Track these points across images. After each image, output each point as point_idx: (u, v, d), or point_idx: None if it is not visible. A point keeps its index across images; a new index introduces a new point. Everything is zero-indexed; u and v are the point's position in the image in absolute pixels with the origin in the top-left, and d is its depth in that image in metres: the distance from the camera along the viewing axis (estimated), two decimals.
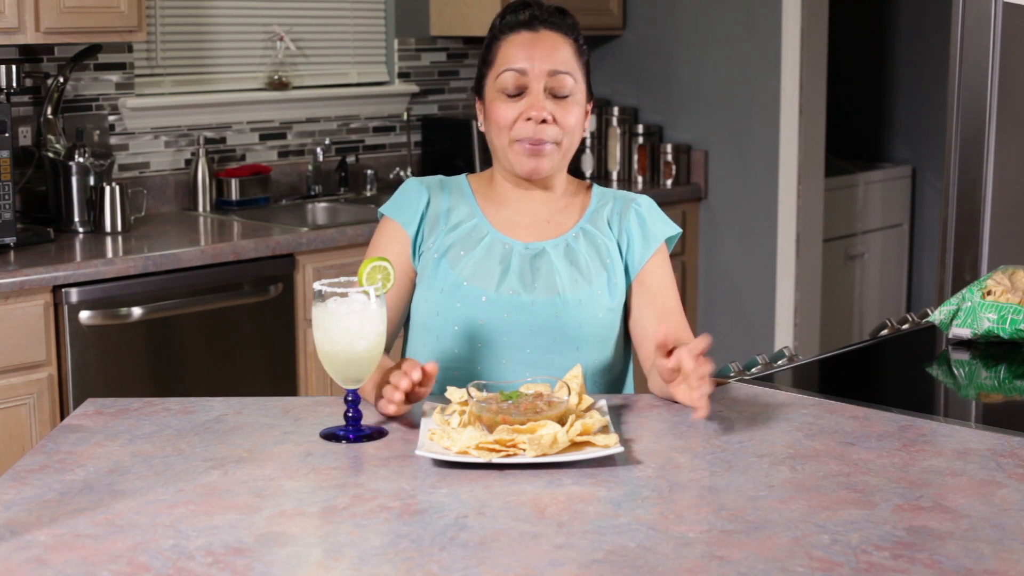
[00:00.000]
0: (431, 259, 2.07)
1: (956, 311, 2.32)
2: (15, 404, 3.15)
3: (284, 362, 3.64)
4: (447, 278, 2.04)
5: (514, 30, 2.05)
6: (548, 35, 2.04)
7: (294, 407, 1.89)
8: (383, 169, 4.59)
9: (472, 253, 2.06)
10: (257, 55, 4.31)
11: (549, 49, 2.03)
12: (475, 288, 2.03)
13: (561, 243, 2.08)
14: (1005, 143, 3.10)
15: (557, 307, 2.02)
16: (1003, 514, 1.46)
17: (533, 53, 2.02)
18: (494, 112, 2.04)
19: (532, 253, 2.07)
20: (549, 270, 2.05)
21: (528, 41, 2.03)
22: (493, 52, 2.07)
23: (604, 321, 2.05)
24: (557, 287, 2.03)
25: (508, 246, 2.07)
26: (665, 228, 2.12)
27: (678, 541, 1.38)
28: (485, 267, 2.05)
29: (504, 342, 2.02)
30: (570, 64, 2.04)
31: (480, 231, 2.08)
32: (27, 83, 3.67)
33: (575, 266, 2.06)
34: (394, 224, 2.10)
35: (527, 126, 2.02)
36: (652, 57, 4.89)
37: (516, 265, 2.05)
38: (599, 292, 2.05)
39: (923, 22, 5.57)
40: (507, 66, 2.03)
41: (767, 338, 4.68)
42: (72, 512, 1.48)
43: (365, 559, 1.35)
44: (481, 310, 2.02)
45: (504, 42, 2.06)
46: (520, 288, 2.03)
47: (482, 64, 2.09)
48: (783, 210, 4.61)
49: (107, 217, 3.64)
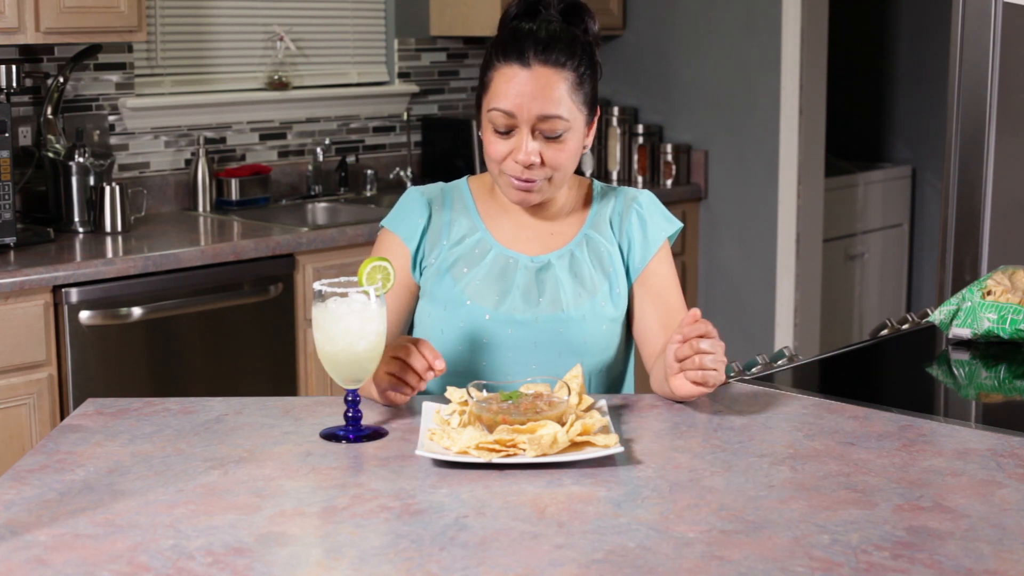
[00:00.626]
0: (434, 273, 2.05)
1: (956, 311, 2.32)
2: (15, 404, 3.15)
3: (284, 362, 3.64)
4: (450, 294, 2.03)
5: (508, 59, 1.95)
6: (541, 73, 1.93)
7: (294, 407, 1.89)
8: (383, 169, 4.59)
9: (476, 269, 2.04)
10: (257, 55, 4.31)
11: (540, 90, 1.93)
12: (477, 306, 2.01)
13: (566, 254, 2.06)
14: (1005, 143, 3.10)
15: (561, 322, 2.01)
16: (1003, 514, 1.46)
17: (523, 94, 1.93)
18: (486, 142, 1.99)
19: (537, 266, 2.05)
20: (554, 285, 2.03)
21: (519, 80, 1.93)
22: (488, 76, 1.98)
23: (607, 332, 2.04)
24: (562, 303, 2.02)
25: (513, 260, 2.05)
26: (666, 226, 2.11)
27: (678, 541, 1.38)
28: (488, 284, 2.03)
29: (508, 357, 2.02)
30: (563, 103, 1.94)
31: (484, 246, 2.06)
32: (27, 83, 3.67)
33: (579, 279, 2.04)
34: (394, 238, 2.07)
35: (515, 166, 1.96)
36: (652, 57, 4.89)
37: (521, 281, 2.03)
38: (602, 304, 2.04)
39: (923, 22, 5.57)
40: (496, 105, 1.95)
41: (767, 338, 4.68)
42: (72, 512, 1.48)
43: (365, 559, 1.35)
44: (484, 328, 2.01)
45: (497, 72, 1.96)
46: (523, 306, 2.02)
47: (480, 80, 2.02)
48: (783, 210, 4.61)
49: (107, 217, 3.64)
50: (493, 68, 1.98)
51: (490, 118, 1.97)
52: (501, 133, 1.96)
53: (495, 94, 1.96)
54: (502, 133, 1.96)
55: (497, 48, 1.98)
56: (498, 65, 1.97)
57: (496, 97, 1.96)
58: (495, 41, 2.01)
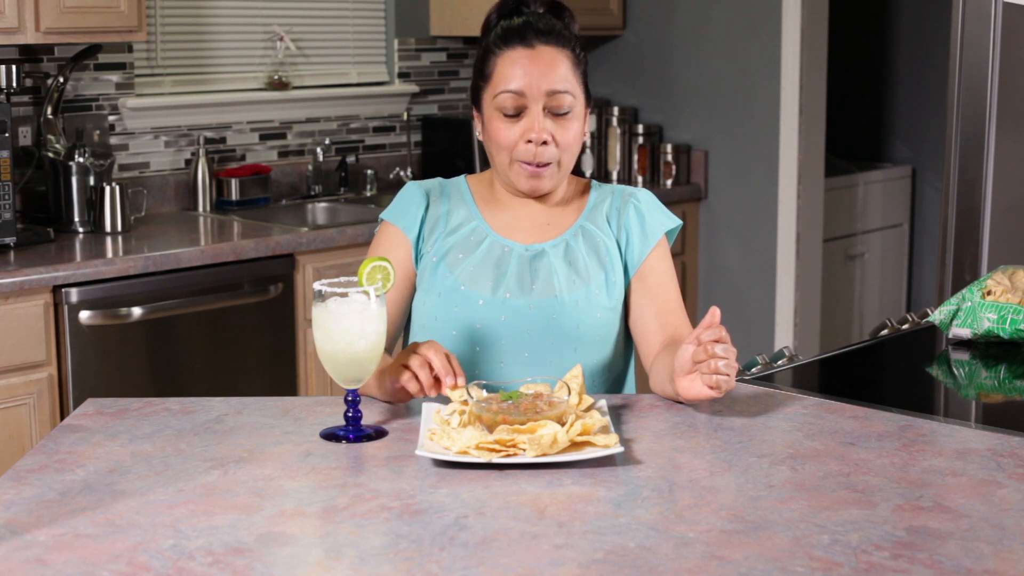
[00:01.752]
0: (430, 262, 2.06)
1: (956, 311, 2.32)
2: (15, 404, 3.15)
3: (284, 362, 3.64)
4: (445, 281, 2.04)
5: (509, 44, 2.01)
6: (545, 50, 2.00)
7: (294, 407, 1.89)
8: (383, 169, 4.59)
9: (471, 256, 2.06)
10: (257, 55, 4.31)
11: (547, 67, 1.99)
12: (472, 292, 2.03)
13: (561, 243, 2.08)
14: (1005, 143, 3.10)
15: (554, 308, 2.02)
16: (1003, 514, 1.46)
17: (531, 71, 1.98)
18: (494, 131, 2.02)
19: (532, 254, 2.06)
20: (548, 272, 2.05)
21: (525, 59, 1.99)
22: (489, 67, 2.02)
23: (602, 321, 2.04)
24: (555, 289, 2.03)
25: (508, 248, 2.07)
26: (664, 221, 2.11)
27: (678, 541, 1.38)
28: (482, 270, 2.04)
29: (502, 344, 2.02)
30: (568, 79, 2.00)
31: (479, 234, 2.08)
32: (27, 83, 3.67)
33: (573, 267, 2.05)
34: (394, 229, 2.09)
35: (528, 148, 1.99)
36: (652, 57, 4.89)
37: (515, 267, 2.05)
38: (597, 292, 2.04)
39: (923, 22, 5.57)
40: (504, 87, 1.99)
41: (767, 338, 4.68)
42: (72, 512, 1.48)
43: (365, 559, 1.35)
44: (478, 313, 2.02)
45: (500, 58, 2.01)
46: (517, 291, 2.03)
47: (477, 75, 2.05)
48: (783, 210, 4.61)
49: (107, 217, 3.64)
50: (495, 56, 2.02)
51: (498, 103, 2.00)
52: (510, 116, 2.00)
53: (501, 78, 2.00)
54: (511, 116, 2.00)
55: (495, 39, 2.02)
56: (500, 52, 2.01)
57: (503, 80, 2.00)
58: (489, 38, 2.04)
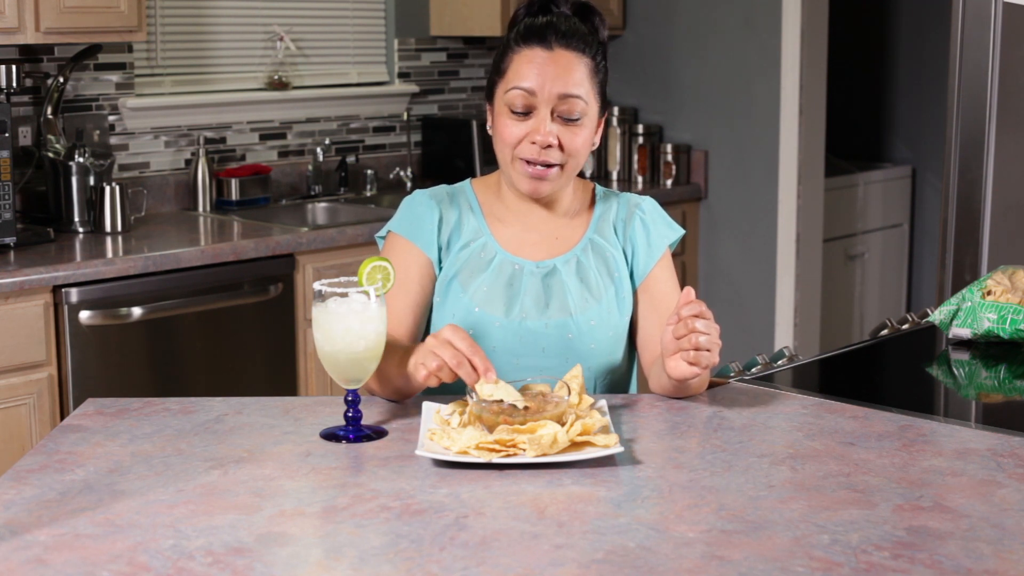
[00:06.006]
0: (443, 281, 2.04)
1: (956, 311, 2.32)
2: (15, 404, 3.15)
3: (284, 362, 3.64)
4: (458, 303, 2.02)
5: (528, 43, 1.99)
6: (563, 54, 1.98)
7: (294, 407, 1.89)
8: (383, 169, 4.59)
9: (482, 276, 2.03)
10: (257, 55, 4.31)
11: (562, 70, 1.97)
12: (486, 314, 2.01)
13: (572, 258, 2.06)
14: (1005, 143, 3.10)
15: (569, 329, 2.01)
16: (1003, 514, 1.46)
17: (545, 72, 1.96)
18: (500, 127, 2.00)
19: (543, 272, 2.04)
20: (561, 290, 2.03)
21: (541, 59, 1.97)
22: (506, 62, 2.01)
23: (614, 338, 2.04)
24: (570, 308, 2.02)
25: (518, 267, 2.04)
26: (668, 233, 2.11)
27: (678, 541, 1.38)
28: (495, 291, 2.02)
29: (517, 364, 2.01)
30: (582, 86, 1.98)
31: (489, 251, 2.05)
32: (27, 83, 3.67)
33: (585, 283, 2.04)
34: (410, 245, 2.05)
35: (532, 148, 1.97)
36: (652, 57, 4.89)
37: (528, 287, 2.03)
38: (608, 309, 2.04)
39: (923, 22, 5.57)
40: (516, 84, 1.97)
41: (767, 338, 4.68)
42: (72, 512, 1.48)
43: (365, 559, 1.35)
44: (494, 335, 2.01)
45: (517, 55, 1.99)
46: (533, 311, 2.01)
47: (494, 70, 2.04)
48: (783, 210, 4.61)
49: (107, 217, 3.64)
50: (513, 52, 2.00)
51: (508, 99, 1.98)
52: (518, 114, 1.98)
53: (515, 74, 1.98)
54: (519, 114, 1.98)
55: (516, 36, 2.01)
56: (518, 49, 2.00)
57: (516, 77, 1.98)
58: (512, 33, 2.03)
